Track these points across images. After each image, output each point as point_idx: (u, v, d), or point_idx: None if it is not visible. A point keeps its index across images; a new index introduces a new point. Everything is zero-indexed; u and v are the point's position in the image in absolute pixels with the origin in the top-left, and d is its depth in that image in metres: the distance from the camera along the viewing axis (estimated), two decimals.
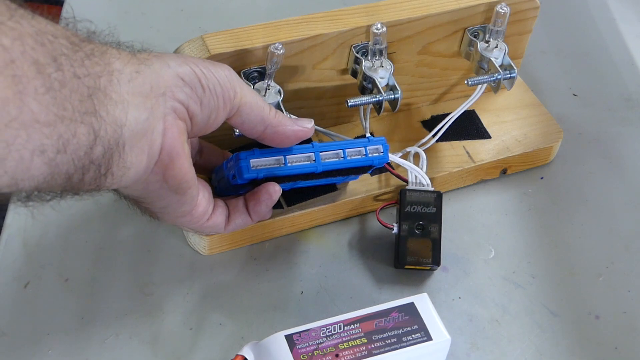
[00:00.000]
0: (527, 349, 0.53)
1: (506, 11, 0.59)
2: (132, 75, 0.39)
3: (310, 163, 0.50)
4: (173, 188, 0.44)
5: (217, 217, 0.49)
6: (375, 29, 0.56)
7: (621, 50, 0.76)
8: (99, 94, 0.36)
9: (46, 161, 0.35)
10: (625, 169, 0.65)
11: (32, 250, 0.56)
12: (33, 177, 0.35)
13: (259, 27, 0.55)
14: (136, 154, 0.40)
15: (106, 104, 0.37)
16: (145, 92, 0.39)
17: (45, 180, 0.36)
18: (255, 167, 0.49)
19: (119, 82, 0.38)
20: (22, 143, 0.33)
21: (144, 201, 0.45)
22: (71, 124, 0.35)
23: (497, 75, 0.59)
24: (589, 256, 0.59)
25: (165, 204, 0.45)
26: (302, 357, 0.44)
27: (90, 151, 0.36)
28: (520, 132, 0.64)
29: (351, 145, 0.52)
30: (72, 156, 0.36)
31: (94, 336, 0.51)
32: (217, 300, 0.54)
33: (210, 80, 0.43)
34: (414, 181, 0.58)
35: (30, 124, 0.33)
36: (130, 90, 0.39)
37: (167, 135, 0.41)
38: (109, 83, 0.37)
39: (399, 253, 0.55)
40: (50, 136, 0.34)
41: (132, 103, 0.38)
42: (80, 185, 0.38)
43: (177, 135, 0.42)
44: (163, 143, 0.41)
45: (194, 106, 0.43)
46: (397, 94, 0.56)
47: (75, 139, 0.35)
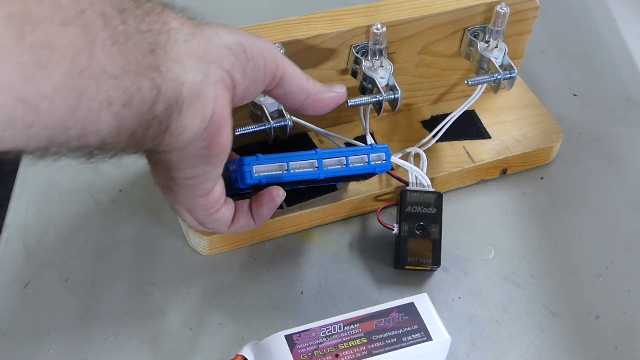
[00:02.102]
0: (527, 349, 0.53)
1: (506, 11, 0.59)
2: (187, 37, 0.39)
3: (313, 170, 0.51)
4: (212, 157, 0.43)
5: (226, 212, 0.49)
6: (375, 29, 0.56)
7: (621, 50, 0.76)
8: (159, 50, 0.37)
9: (113, 114, 0.35)
10: (625, 169, 0.65)
11: (32, 250, 0.56)
12: (100, 130, 0.35)
13: (259, 27, 0.55)
14: (191, 116, 0.40)
15: (166, 61, 0.37)
16: (199, 55, 0.40)
17: (110, 135, 0.36)
18: (258, 173, 0.49)
19: (176, 41, 0.38)
20: (92, 94, 0.33)
21: (177, 167, 0.44)
22: (136, 78, 0.35)
23: (497, 75, 0.59)
24: (589, 256, 0.59)
25: (194, 174, 0.45)
26: (302, 357, 0.44)
27: (153, 107, 0.37)
28: (520, 132, 0.64)
29: (354, 153, 0.52)
30: (137, 110, 0.36)
31: (94, 336, 0.51)
32: (217, 300, 0.54)
33: (254, 51, 0.43)
34: (414, 182, 0.58)
35: (99, 75, 0.34)
36: (186, 51, 0.39)
37: (218, 102, 0.41)
38: (167, 41, 0.37)
39: (399, 253, 0.55)
40: (117, 88, 0.34)
41: (189, 64, 0.39)
42: (142, 142, 0.38)
43: (226, 104, 0.42)
44: (214, 109, 0.41)
45: (238, 76, 0.43)
46: (397, 94, 0.56)
47: (140, 93, 0.36)
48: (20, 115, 0.32)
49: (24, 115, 0.32)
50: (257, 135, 0.55)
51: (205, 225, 0.50)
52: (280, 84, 0.46)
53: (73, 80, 0.33)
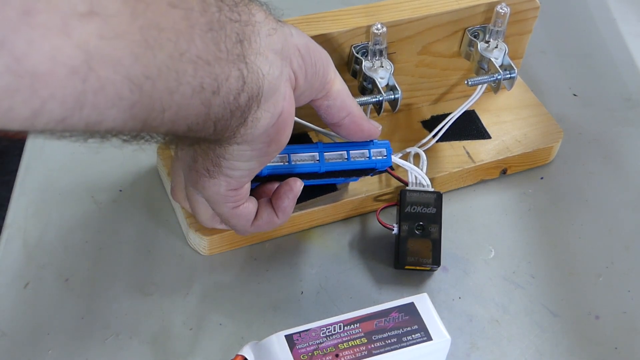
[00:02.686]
0: (527, 349, 0.53)
1: (506, 11, 0.59)
2: (269, 31, 0.39)
3: (313, 163, 0.51)
4: (268, 153, 0.44)
5: (249, 206, 0.49)
6: (375, 29, 0.56)
7: (621, 50, 0.76)
8: (245, 41, 0.37)
9: (203, 100, 0.35)
10: (625, 169, 0.65)
11: (32, 250, 0.56)
12: (189, 116, 0.35)
13: None
14: (265, 109, 0.40)
15: (250, 53, 0.37)
16: (277, 50, 0.40)
17: (197, 122, 0.36)
18: None
19: (259, 34, 0.38)
20: (188, 78, 0.34)
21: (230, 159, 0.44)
22: (226, 66, 0.36)
23: (497, 76, 0.59)
24: (589, 256, 0.59)
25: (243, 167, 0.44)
26: (302, 357, 0.44)
27: (238, 97, 0.37)
28: (520, 132, 0.64)
29: (355, 147, 0.52)
30: (224, 99, 0.36)
31: (94, 336, 0.51)
32: (217, 300, 0.54)
33: (316, 57, 0.44)
34: (414, 182, 0.58)
35: (196, 60, 0.34)
36: (268, 45, 0.39)
37: (287, 99, 0.42)
38: (252, 33, 0.38)
39: (399, 253, 0.55)
40: (209, 75, 0.35)
41: (270, 58, 0.39)
42: (223, 131, 0.38)
43: (292, 102, 0.42)
44: (284, 107, 0.41)
45: (301, 78, 0.43)
46: (397, 94, 0.56)
47: (228, 82, 0.36)
48: (127, 94, 0.32)
49: (129, 95, 0.32)
50: None
51: (228, 221, 0.49)
52: (326, 96, 0.47)
53: (174, 63, 0.33)
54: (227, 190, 0.46)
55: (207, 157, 0.45)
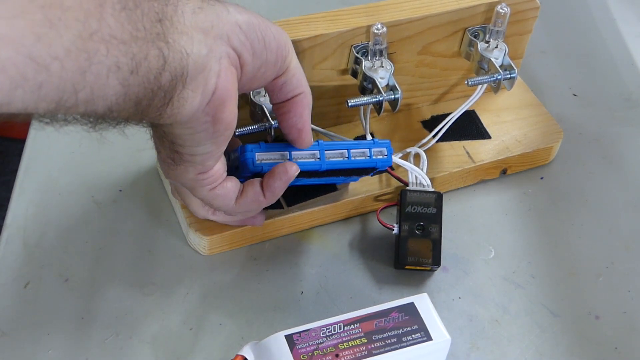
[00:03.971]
0: (527, 349, 0.53)
1: (506, 11, 0.59)
2: (194, 10, 0.39)
3: (314, 161, 0.51)
4: (218, 133, 0.43)
5: (228, 185, 0.48)
6: (375, 29, 0.56)
7: (621, 50, 0.76)
8: (166, 20, 0.37)
9: (120, 80, 0.35)
10: (625, 169, 0.65)
11: (32, 250, 0.56)
12: (107, 96, 0.35)
13: None
14: (192, 89, 0.40)
15: (172, 32, 0.37)
16: (206, 28, 0.40)
17: (117, 102, 0.36)
18: (260, 160, 0.49)
19: (183, 13, 0.38)
20: (101, 57, 0.34)
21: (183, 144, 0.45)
22: (144, 45, 0.36)
23: (497, 76, 0.59)
24: (589, 256, 0.59)
25: (199, 152, 0.45)
26: (302, 357, 0.44)
27: (159, 76, 0.37)
28: (520, 132, 0.64)
29: (356, 146, 0.52)
30: (143, 78, 0.36)
31: (94, 336, 0.51)
32: (217, 300, 0.54)
33: (266, 33, 0.44)
34: (414, 182, 0.58)
35: (109, 39, 0.34)
36: (193, 24, 0.39)
37: (221, 77, 0.41)
38: (174, 12, 0.38)
39: (399, 253, 0.55)
40: (125, 54, 0.35)
41: (194, 37, 0.39)
42: (147, 112, 0.38)
43: (230, 79, 0.42)
44: (217, 84, 0.41)
45: (247, 55, 0.43)
46: (397, 94, 0.56)
47: (147, 61, 0.36)
48: (31, 74, 0.32)
49: (34, 75, 0.32)
50: (257, 135, 0.55)
51: (211, 203, 0.50)
52: (285, 73, 0.46)
53: (84, 42, 0.33)
54: (197, 175, 0.46)
55: (165, 147, 0.46)
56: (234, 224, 0.55)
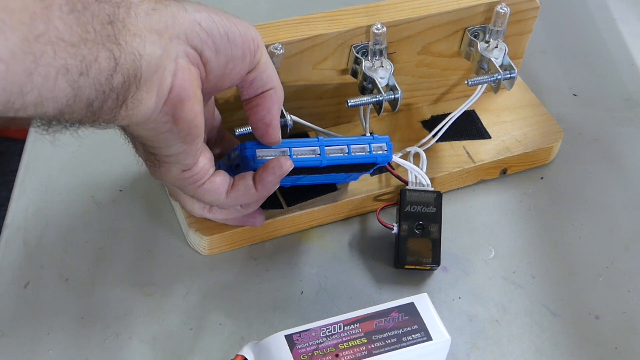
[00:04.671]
0: (527, 349, 0.53)
1: (506, 11, 0.59)
2: (148, 11, 0.39)
3: (315, 157, 0.50)
4: (182, 133, 0.43)
5: (217, 179, 0.48)
6: (375, 29, 0.56)
7: (621, 50, 0.76)
8: (118, 23, 0.37)
9: (70, 82, 0.35)
10: (625, 169, 0.65)
11: (32, 250, 0.56)
12: (57, 98, 0.35)
13: (258, 27, 0.55)
14: (147, 89, 0.40)
15: (124, 34, 0.37)
16: (160, 29, 0.40)
17: (68, 104, 0.36)
18: (261, 157, 0.49)
19: (136, 15, 0.38)
20: (48, 59, 0.34)
21: (152, 145, 0.45)
22: (94, 47, 0.35)
23: (497, 76, 0.59)
24: (589, 256, 0.59)
25: (171, 152, 0.45)
26: (302, 357, 0.44)
27: (111, 78, 0.37)
28: (520, 132, 0.64)
29: (356, 142, 0.52)
30: (94, 80, 0.36)
31: (94, 336, 0.51)
32: (217, 300, 0.54)
33: (229, 29, 0.43)
34: (414, 181, 0.58)
35: (56, 41, 0.34)
36: (147, 25, 0.39)
37: (178, 76, 0.41)
38: (126, 15, 0.38)
39: (399, 253, 0.55)
40: (74, 56, 0.35)
41: (148, 38, 0.39)
42: (99, 114, 0.38)
43: (187, 77, 0.42)
44: (173, 83, 0.41)
45: (209, 53, 0.43)
46: (397, 94, 0.56)
47: (97, 63, 0.36)
48: None
49: None
50: None
51: (201, 199, 0.49)
52: (256, 67, 0.46)
53: (30, 45, 0.33)
54: (181, 173, 0.46)
55: (140, 149, 0.46)
56: (233, 223, 0.55)
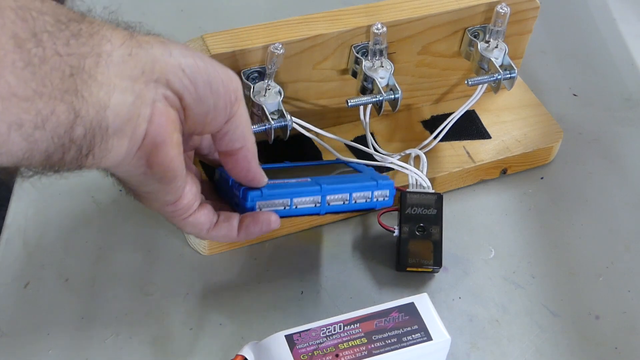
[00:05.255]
0: (527, 349, 0.53)
1: (506, 11, 0.59)
2: (123, 57, 0.39)
3: (315, 207, 0.50)
4: (157, 176, 0.43)
5: (201, 216, 0.47)
6: (375, 29, 0.56)
7: (621, 50, 0.76)
8: (83, 74, 0.36)
9: (24, 136, 0.35)
10: (625, 169, 0.65)
11: (32, 250, 0.56)
12: (11, 152, 0.35)
13: (259, 27, 0.55)
14: (118, 138, 0.39)
15: (90, 85, 0.37)
16: (135, 75, 0.39)
17: (24, 157, 0.36)
18: (260, 208, 0.49)
19: (107, 64, 0.38)
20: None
21: (129, 183, 0.45)
22: (50, 101, 0.35)
23: (497, 76, 0.59)
24: (589, 256, 0.59)
25: (149, 190, 0.44)
26: (302, 357, 0.44)
27: (70, 130, 0.36)
28: (520, 132, 0.64)
29: (359, 189, 0.51)
30: (52, 134, 0.36)
31: (94, 336, 0.52)
32: (217, 300, 0.54)
33: (213, 78, 0.42)
34: (414, 184, 0.58)
35: (8, 96, 0.33)
36: (119, 73, 0.38)
37: (154, 121, 0.41)
38: (95, 65, 0.37)
39: (400, 255, 0.54)
40: (28, 111, 0.34)
41: (118, 86, 0.38)
42: (60, 164, 0.38)
43: (164, 123, 0.41)
44: (148, 129, 0.41)
45: (189, 99, 0.42)
46: (397, 94, 0.56)
47: (54, 116, 0.35)
48: None
49: None
50: (257, 135, 0.55)
51: (181, 229, 0.49)
52: (229, 120, 0.44)
53: None
54: (164, 206, 0.46)
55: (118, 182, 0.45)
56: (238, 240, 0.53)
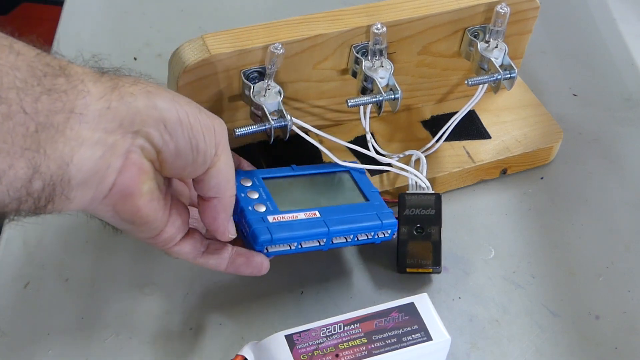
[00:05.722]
0: (527, 349, 0.53)
1: (506, 11, 0.59)
2: (101, 111, 0.39)
3: (318, 245, 0.50)
4: (126, 221, 0.43)
5: (185, 247, 0.47)
6: (375, 29, 0.56)
7: (621, 50, 0.76)
8: (50, 130, 0.37)
9: None
10: (625, 169, 0.65)
11: (32, 250, 0.56)
12: None
13: (259, 27, 0.55)
14: (82, 190, 0.39)
15: (56, 140, 0.37)
16: (111, 128, 0.39)
17: None
18: (268, 250, 0.49)
19: (80, 119, 0.38)
20: None
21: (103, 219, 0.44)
22: (8, 157, 0.35)
23: (497, 76, 0.59)
24: (589, 256, 0.59)
25: (122, 228, 0.44)
26: (302, 357, 0.44)
27: (28, 184, 0.37)
28: (520, 132, 0.64)
29: (364, 230, 0.51)
30: (7, 187, 0.36)
31: (94, 336, 0.51)
32: (217, 300, 0.54)
33: (196, 133, 0.42)
34: (414, 186, 0.58)
35: None
36: (92, 127, 0.38)
37: (124, 173, 0.41)
38: (65, 120, 0.37)
39: (399, 257, 0.54)
40: None
41: (88, 140, 0.38)
42: (17, 213, 0.38)
43: (135, 174, 0.41)
44: (116, 180, 0.41)
45: (168, 154, 0.42)
46: (397, 94, 0.56)
47: (12, 171, 0.36)
48: None
49: None
50: (257, 135, 0.55)
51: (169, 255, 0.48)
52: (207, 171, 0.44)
53: None
54: (147, 239, 0.46)
55: None
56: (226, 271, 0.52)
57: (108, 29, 0.75)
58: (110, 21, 0.77)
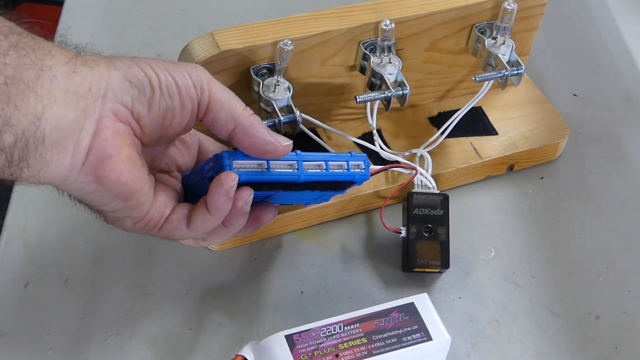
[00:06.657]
0: (527, 349, 0.53)
1: (513, 8, 0.58)
2: (68, 74, 0.39)
3: (292, 171, 0.48)
4: (112, 192, 0.42)
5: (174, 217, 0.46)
6: (384, 25, 0.56)
7: (621, 50, 0.76)
8: (20, 84, 0.37)
9: None
10: (626, 169, 0.65)
11: (32, 250, 0.56)
12: None
13: (268, 24, 0.55)
14: (58, 151, 0.39)
15: (27, 96, 0.37)
16: (81, 92, 0.40)
17: None
18: (238, 168, 0.46)
19: (50, 78, 0.38)
20: None
21: (91, 204, 0.44)
22: None
23: (505, 72, 0.59)
24: (589, 256, 0.59)
25: (113, 209, 0.44)
26: (302, 357, 0.44)
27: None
28: (527, 129, 0.64)
29: (334, 159, 0.50)
30: None
31: (94, 336, 0.51)
32: (217, 300, 0.54)
33: (163, 80, 0.42)
34: (419, 184, 0.58)
35: None
36: (62, 88, 0.39)
37: (99, 136, 0.41)
38: (35, 77, 0.37)
39: (408, 256, 0.54)
40: None
41: (60, 100, 0.39)
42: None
43: (110, 137, 0.41)
44: (92, 144, 0.41)
45: (140, 108, 0.42)
46: (406, 90, 0.56)
47: None
48: None
49: None
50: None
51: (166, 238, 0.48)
52: (208, 109, 0.44)
53: None
54: (134, 225, 0.45)
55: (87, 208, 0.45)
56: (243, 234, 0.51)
57: (108, 29, 0.75)
58: (110, 21, 0.76)
